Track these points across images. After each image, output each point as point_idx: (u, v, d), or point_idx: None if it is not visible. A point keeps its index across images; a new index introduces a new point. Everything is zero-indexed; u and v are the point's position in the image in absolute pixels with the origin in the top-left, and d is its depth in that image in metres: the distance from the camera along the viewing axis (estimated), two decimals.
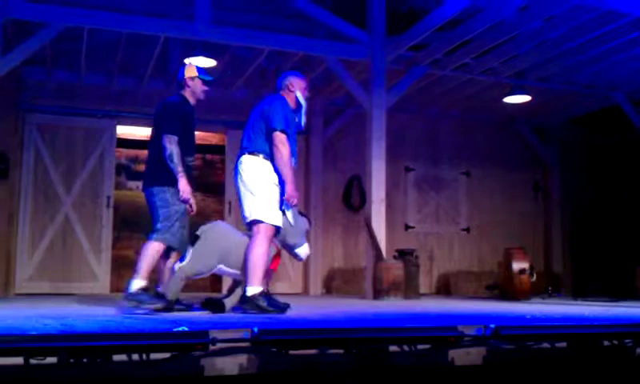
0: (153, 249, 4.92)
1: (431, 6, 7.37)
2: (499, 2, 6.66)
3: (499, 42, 7.55)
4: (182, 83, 5.28)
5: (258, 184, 4.94)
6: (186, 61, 5.34)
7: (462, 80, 8.80)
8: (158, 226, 4.95)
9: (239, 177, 5.05)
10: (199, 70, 5.29)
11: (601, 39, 7.34)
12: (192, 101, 5.30)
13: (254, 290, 4.80)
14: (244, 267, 4.92)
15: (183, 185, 4.95)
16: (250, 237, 4.97)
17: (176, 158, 4.95)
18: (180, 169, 4.96)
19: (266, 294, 4.87)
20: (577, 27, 7.09)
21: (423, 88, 9.00)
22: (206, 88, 5.30)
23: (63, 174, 8.69)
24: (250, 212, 4.94)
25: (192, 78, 5.23)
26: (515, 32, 7.25)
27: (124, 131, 9.41)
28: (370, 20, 7.86)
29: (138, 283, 4.81)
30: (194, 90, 5.26)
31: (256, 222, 4.91)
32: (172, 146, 4.96)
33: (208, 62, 7.98)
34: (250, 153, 5.03)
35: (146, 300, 4.72)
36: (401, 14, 8.28)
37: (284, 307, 4.89)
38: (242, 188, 5.03)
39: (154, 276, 5.17)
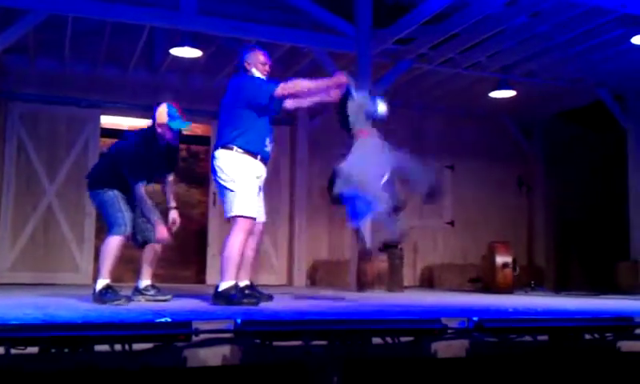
0: (111, 245, 4.80)
1: None
2: None
3: (485, 37, 7.57)
4: (152, 125, 4.95)
5: (234, 179, 4.81)
6: (162, 103, 4.92)
7: (448, 74, 8.83)
8: (107, 222, 4.87)
9: (216, 174, 4.91)
10: (170, 115, 4.88)
11: (586, 35, 7.38)
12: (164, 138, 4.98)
13: (226, 284, 4.70)
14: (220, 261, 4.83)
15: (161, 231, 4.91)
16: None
17: (149, 204, 4.88)
18: (155, 217, 4.90)
19: (240, 287, 4.80)
20: (562, 23, 7.13)
21: (409, 82, 9.01)
22: (173, 136, 4.96)
23: (46, 163, 8.61)
24: (229, 208, 4.83)
25: (160, 125, 4.89)
26: (501, 27, 7.28)
27: (108, 121, 9.34)
28: (356, 12, 7.85)
29: (101, 283, 4.75)
30: (163, 135, 4.93)
31: (234, 217, 4.82)
32: (141, 192, 4.85)
33: (194, 52, 7.94)
34: (223, 146, 4.86)
35: (109, 298, 4.65)
36: (387, 7, 8.27)
37: (257, 300, 4.79)
38: (220, 184, 4.90)
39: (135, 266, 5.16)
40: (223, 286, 4.70)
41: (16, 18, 6.85)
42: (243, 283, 4.97)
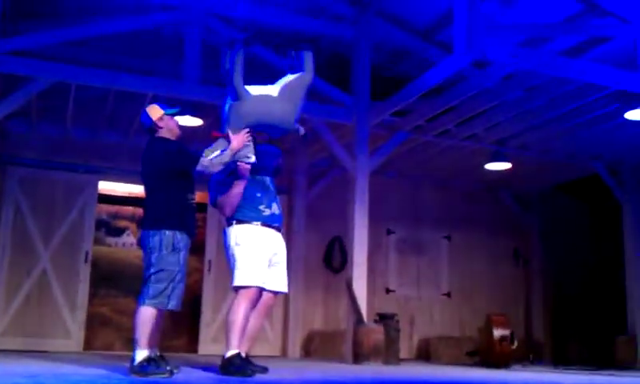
0: (145, 315, 4.43)
1: (415, 72, 7.50)
2: (482, 72, 6.82)
3: (481, 110, 7.68)
4: (152, 128, 4.79)
5: (235, 251, 4.91)
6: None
7: (444, 145, 8.91)
8: (149, 287, 4.45)
9: (226, 251, 5.03)
10: (162, 106, 4.84)
11: (580, 110, 7.51)
12: (172, 138, 4.83)
13: (229, 353, 4.73)
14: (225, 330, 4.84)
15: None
16: None
17: (213, 157, 4.64)
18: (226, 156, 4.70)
19: (242, 358, 4.77)
20: (557, 98, 7.26)
21: (406, 152, 9.09)
22: (177, 122, 4.90)
23: (43, 227, 8.58)
24: (233, 281, 4.90)
25: (160, 119, 4.77)
26: (497, 101, 7.40)
27: (105, 186, 9.36)
28: (355, 84, 7.98)
29: (140, 354, 4.37)
30: (169, 128, 4.80)
31: (236, 288, 4.87)
32: (205, 163, 4.62)
33: (194, 121, 8.03)
34: (227, 223, 5.01)
35: (151, 370, 4.30)
36: (385, 79, 8.42)
37: (252, 372, 4.72)
38: (228, 260, 5.00)
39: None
40: (227, 354, 4.74)
41: (19, 85, 6.92)
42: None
